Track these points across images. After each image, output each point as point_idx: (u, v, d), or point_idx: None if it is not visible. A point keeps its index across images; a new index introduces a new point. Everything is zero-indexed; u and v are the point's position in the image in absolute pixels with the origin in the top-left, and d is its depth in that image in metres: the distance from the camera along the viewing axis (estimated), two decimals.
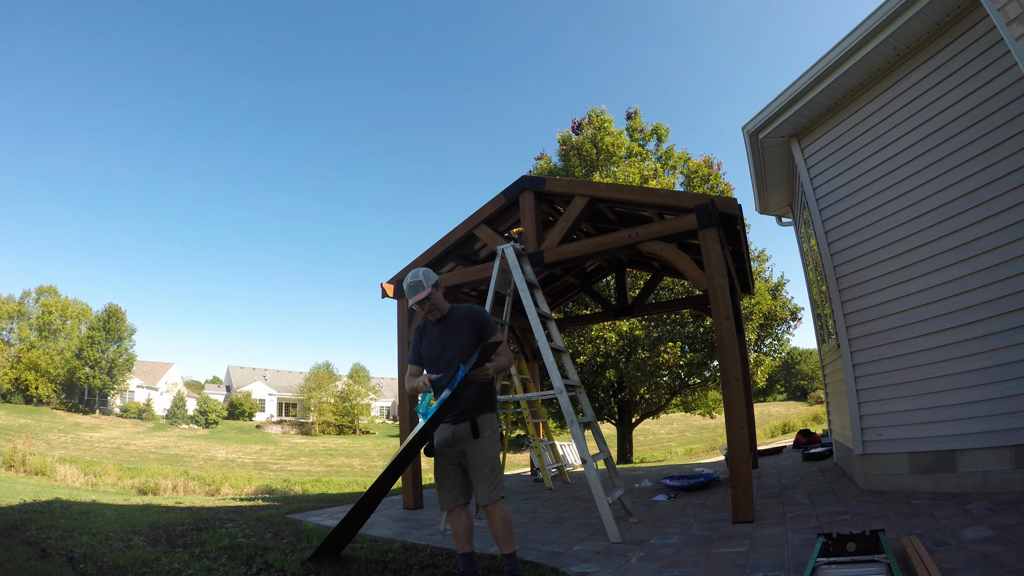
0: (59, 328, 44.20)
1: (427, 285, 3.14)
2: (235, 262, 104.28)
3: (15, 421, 32.54)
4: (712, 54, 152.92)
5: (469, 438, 3.09)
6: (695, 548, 3.80)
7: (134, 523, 5.02)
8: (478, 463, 3.06)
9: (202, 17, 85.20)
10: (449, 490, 3.14)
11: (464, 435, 3.10)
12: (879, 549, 2.98)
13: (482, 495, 3.04)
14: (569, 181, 6.01)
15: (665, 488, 6.57)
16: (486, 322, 3.23)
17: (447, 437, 3.14)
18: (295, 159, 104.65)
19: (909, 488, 4.78)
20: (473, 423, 3.09)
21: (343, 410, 49.16)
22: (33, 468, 14.15)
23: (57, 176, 77.82)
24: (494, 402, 3.26)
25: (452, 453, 3.14)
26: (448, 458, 3.16)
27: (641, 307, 9.17)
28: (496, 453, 3.14)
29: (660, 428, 36.67)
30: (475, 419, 3.10)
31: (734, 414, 4.59)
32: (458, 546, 3.16)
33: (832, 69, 5.26)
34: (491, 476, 3.05)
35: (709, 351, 14.93)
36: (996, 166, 4.26)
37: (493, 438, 3.14)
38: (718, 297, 4.77)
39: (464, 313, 3.25)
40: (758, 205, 8.12)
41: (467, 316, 3.23)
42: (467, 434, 3.09)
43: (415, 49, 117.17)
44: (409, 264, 6.51)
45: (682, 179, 16.99)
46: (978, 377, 4.36)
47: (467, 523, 3.15)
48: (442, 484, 3.17)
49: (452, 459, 3.15)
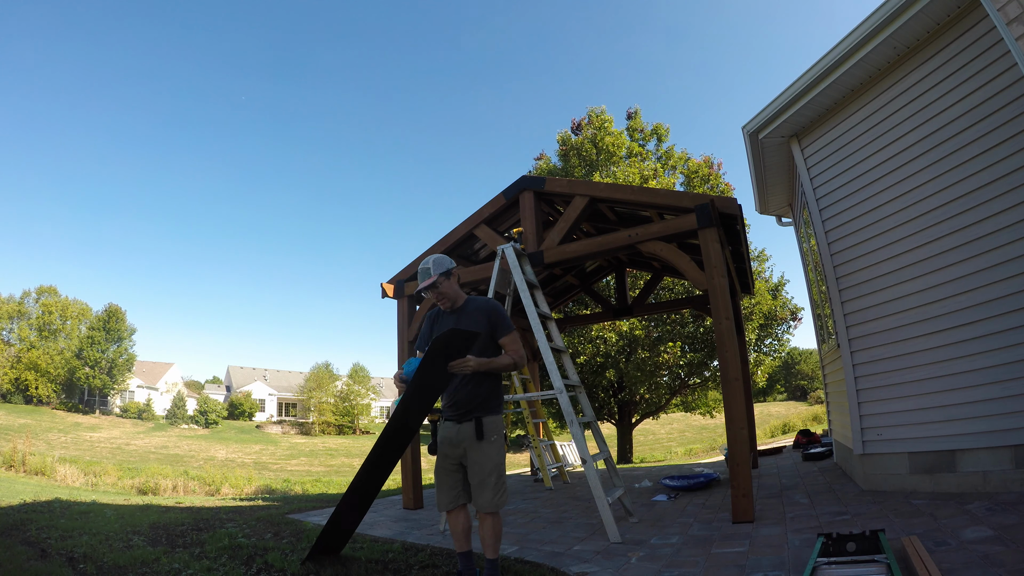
0: (59, 328, 44.18)
1: (435, 273, 3.08)
2: (235, 262, 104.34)
3: (15, 421, 32.54)
4: (712, 54, 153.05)
5: (473, 439, 3.03)
6: (695, 548, 3.80)
7: (134, 523, 5.02)
8: (484, 469, 3.00)
9: (202, 17, 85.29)
10: (450, 490, 3.10)
11: (468, 436, 3.05)
12: (879, 549, 2.98)
13: (485, 503, 2.98)
14: (569, 181, 6.01)
15: (665, 488, 6.57)
16: (501, 319, 3.14)
17: (451, 436, 3.09)
18: (295, 159, 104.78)
19: (909, 488, 4.78)
20: (478, 424, 3.03)
21: (343, 410, 49.17)
22: (33, 468, 14.15)
23: (57, 176, 77.96)
24: (500, 403, 3.19)
25: (455, 453, 3.09)
26: (450, 458, 3.11)
27: (641, 307, 9.17)
28: (502, 459, 3.08)
29: (660, 428, 36.66)
30: (480, 420, 3.04)
31: (734, 414, 4.59)
32: (457, 545, 3.14)
33: (832, 69, 5.26)
34: (497, 484, 3.00)
35: (709, 351, 14.93)
36: (996, 166, 4.26)
37: (499, 442, 3.09)
38: (718, 297, 4.77)
39: (480, 307, 3.18)
40: (758, 205, 8.11)
41: (483, 310, 3.16)
42: (471, 435, 3.04)
43: (415, 49, 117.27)
44: (410, 263, 6.52)
45: (682, 179, 16.99)
46: (978, 377, 4.36)
47: (466, 523, 3.12)
48: (442, 484, 3.12)
49: (454, 459, 3.11)
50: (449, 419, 3.12)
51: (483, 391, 3.10)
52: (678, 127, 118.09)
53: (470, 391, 3.07)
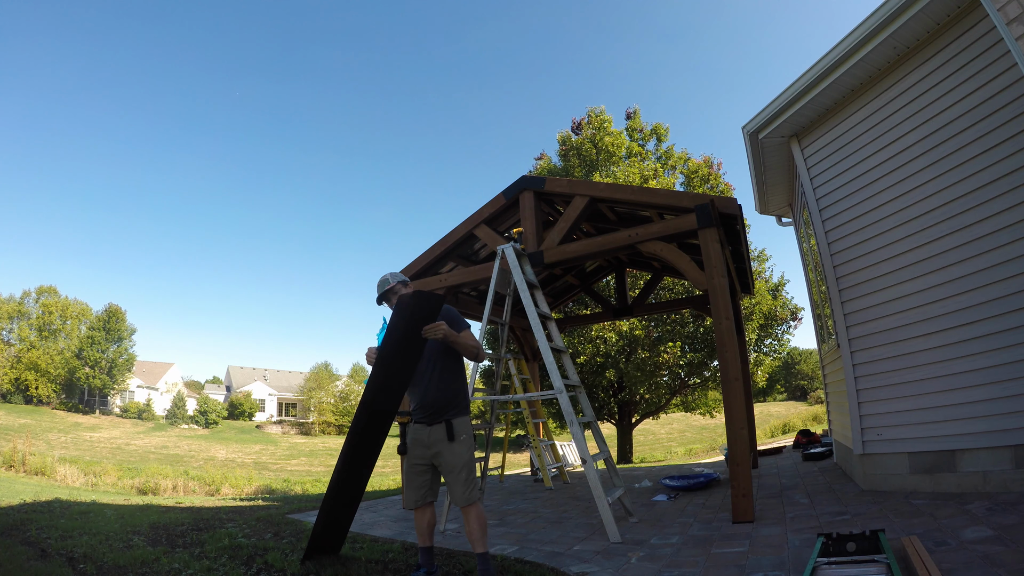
0: (59, 328, 44.17)
1: (393, 281, 3.40)
2: (235, 262, 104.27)
3: (15, 421, 32.54)
4: (712, 54, 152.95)
5: (445, 441, 3.19)
6: (695, 548, 3.80)
7: (134, 523, 5.02)
8: (454, 466, 3.16)
9: (202, 17, 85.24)
10: (418, 489, 3.29)
11: (439, 437, 3.20)
12: (879, 549, 2.98)
13: (459, 497, 3.14)
14: (569, 181, 6.01)
15: (665, 488, 6.57)
16: (455, 319, 3.36)
17: (421, 438, 3.24)
18: (295, 159, 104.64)
19: (909, 488, 4.78)
20: (448, 426, 3.20)
21: (343, 410, 49.17)
22: (33, 468, 14.16)
23: (57, 176, 77.83)
24: (467, 404, 3.37)
25: (427, 455, 3.24)
26: (420, 459, 3.26)
27: (641, 307, 9.17)
28: (472, 456, 3.24)
29: (660, 428, 36.64)
30: (450, 422, 3.21)
31: (734, 414, 4.59)
32: (420, 540, 3.34)
33: (832, 69, 5.26)
34: (468, 479, 3.16)
35: (709, 351, 14.93)
36: (996, 166, 4.26)
37: (469, 441, 3.26)
38: (718, 297, 4.77)
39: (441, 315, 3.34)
40: (758, 205, 8.12)
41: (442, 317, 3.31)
42: (442, 436, 3.19)
43: (415, 49, 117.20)
44: (410, 263, 6.53)
45: (682, 179, 16.98)
46: (978, 377, 4.36)
47: (432, 519, 3.34)
48: (411, 483, 3.31)
49: (424, 460, 3.26)
50: (419, 422, 3.27)
51: (450, 393, 3.26)
52: (678, 127, 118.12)
53: (439, 394, 3.23)
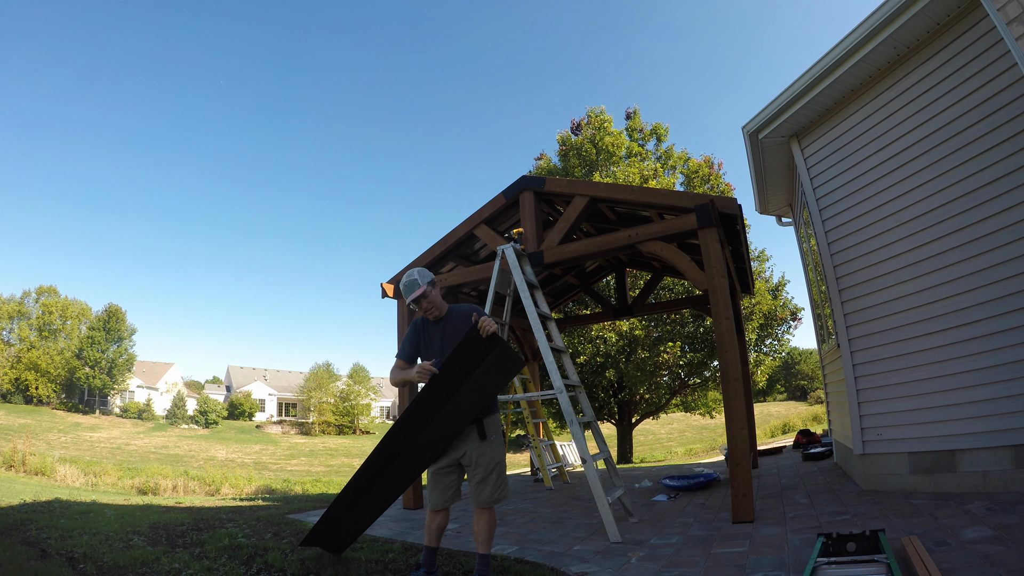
0: (59, 328, 44.18)
1: (423, 283, 3.17)
2: (235, 262, 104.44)
3: (15, 421, 32.54)
4: (712, 54, 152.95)
5: (475, 440, 3.12)
6: (695, 548, 3.80)
7: (134, 523, 5.01)
8: (488, 467, 3.09)
9: (202, 16, 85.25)
10: (444, 491, 3.18)
11: (469, 437, 3.13)
12: (879, 549, 2.98)
13: (486, 497, 3.08)
14: (569, 181, 6.01)
15: (665, 488, 6.57)
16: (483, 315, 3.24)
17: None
18: (295, 159, 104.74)
19: (909, 488, 4.78)
20: (479, 425, 3.13)
21: (343, 410, 49.16)
22: (33, 468, 14.14)
23: (57, 175, 77.96)
24: (497, 402, 3.28)
25: (455, 455, 3.16)
26: (449, 459, 3.18)
27: (641, 307, 9.17)
28: (503, 457, 3.18)
29: (660, 428, 36.64)
30: (481, 421, 3.13)
31: (734, 414, 4.59)
32: (428, 540, 3.25)
33: (832, 69, 5.26)
34: (499, 480, 3.11)
35: (709, 351, 14.92)
36: (996, 166, 4.26)
37: (499, 441, 3.20)
38: (718, 297, 4.77)
39: (465, 312, 3.26)
40: (758, 205, 8.11)
41: (467, 315, 3.23)
42: (473, 436, 3.12)
43: (414, 49, 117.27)
44: (409, 264, 6.51)
45: (682, 179, 16.97)
46: (978, 377, 4.36)
47: (444, 523, 3.24)
48: (438, 485, 3.19)
49: (453, 461, 3.18)
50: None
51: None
52: (678, 127, 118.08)
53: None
